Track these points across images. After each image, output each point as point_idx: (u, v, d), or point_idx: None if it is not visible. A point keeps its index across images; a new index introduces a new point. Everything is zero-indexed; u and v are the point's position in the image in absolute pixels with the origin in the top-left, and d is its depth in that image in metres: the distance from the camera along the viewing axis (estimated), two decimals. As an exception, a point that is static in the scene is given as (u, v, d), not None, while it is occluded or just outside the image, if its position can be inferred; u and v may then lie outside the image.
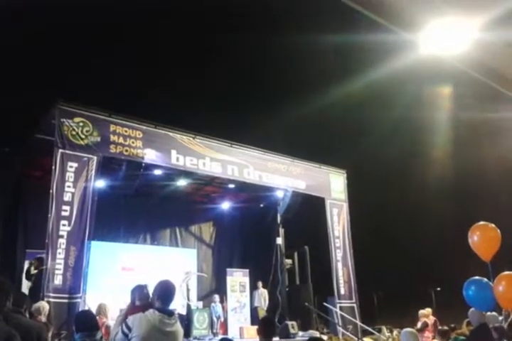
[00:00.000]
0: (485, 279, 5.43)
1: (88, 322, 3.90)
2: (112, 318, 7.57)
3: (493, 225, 5.63)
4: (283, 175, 12.05)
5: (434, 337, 9.38)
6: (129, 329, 3.27)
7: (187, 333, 10.10)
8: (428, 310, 11.07)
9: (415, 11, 4.29)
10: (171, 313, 3.41)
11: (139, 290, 3.71)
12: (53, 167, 8.48)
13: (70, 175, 8.61)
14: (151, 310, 3.35)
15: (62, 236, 8.17)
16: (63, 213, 8.33)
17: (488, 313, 7.70)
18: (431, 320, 10.62)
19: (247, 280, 12.35)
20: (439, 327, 8.00)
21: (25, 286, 8.88)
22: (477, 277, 5.49)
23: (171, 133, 10.39)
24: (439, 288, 30.39)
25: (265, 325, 3.94)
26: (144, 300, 3.55)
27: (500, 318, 9.08)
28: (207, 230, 14.54)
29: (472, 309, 5.25)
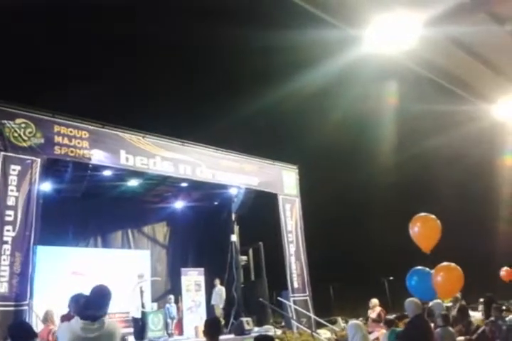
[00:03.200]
0: (427, 269, 5.62)
1: (23, 331, 3.81)
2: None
3: (433, 216, 5.83)
4: (236, 173, 12.09)
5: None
6: (57, 339, 3.27)
7: (141, 336, 9.99)
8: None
9: (360, 6, 4.36)
10: (95, 318, 3.30)
11: (76, 300, 3.63)
12: (-6, 170, 8.16)
13: (13, 179, 8.33)
14: (74, 318, 3.31)
15: (6, 242, 7.92)
16: (7, 218, 8.07)
17: (434, 301, 8.07)
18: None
19: (202, 278, 12.30)
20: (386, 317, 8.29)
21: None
22: (420, 267, 5.69)
23: (119, 133, 10.19)
24: (391, 277, 31.36)
25: (210, 326, 3.95)
26: (76, 312, 3.48)
27: (450, 304, 9.53)
28: (160, 230, 14.35)
29: (408, 300, 5.39)
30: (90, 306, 3.32)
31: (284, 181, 13.07)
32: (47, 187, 10.34)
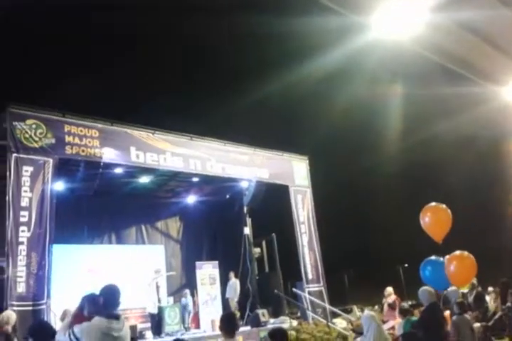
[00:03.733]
0: (441, 259, 5.59)
1: (44, 331, 3.90)
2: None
3: (443, 206, 5.77)
4: (246, 166, 12.08)
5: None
6: (77, 339, 3.30)
7: (159, 330, 10.12)
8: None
9: None
10: (117, 317, 3.42)
11: (92, 300, 3.69)
12: (8, 172, 8.23)
13: (25, 180, 8.39)
14: (97, 318, 3.36)
15: (22, 243, 7.99)
16: (21, 219, 8.13)
17: (449, 288, 8.06)
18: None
19: (216, 272, 12.40)
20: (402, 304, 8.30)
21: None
22: (433, 257, 5.66)
23: (128, 130, 10.21)
24: (406, 265, 31.26)
25: (224, 322, 3.98)
26: (94, 313, 3.54)
27: (466, 291, 9.49)
28: (173, 225, 14.47)
29: (422, 288, 5.34)
30: (109, 305, 3.41)
31: (294, 172, 13.05)
32: (60, 186, 10.42)
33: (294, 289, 12.00)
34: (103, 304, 3.45)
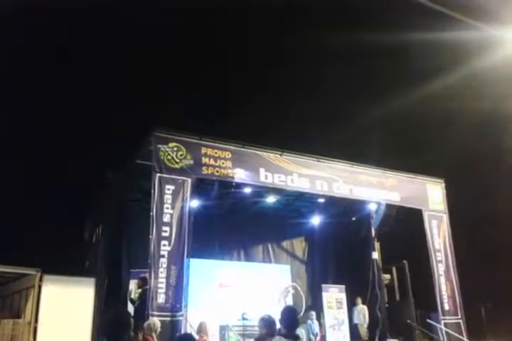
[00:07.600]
0: None
1: None
2: (212, 335, 7.76)
3: None
4: (375, 188, 11.69)
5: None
6: None
7: (286, 351, 10.08)
8: None
9: (504, 5, 4.08)
10: (296, 338, 3.52)
11: (266, 322, 3.90)
12: (152, 190, 8.94)
13: (167, 197, 9.04)
14: (277, 337, 3.49)
15: (163, 256, 8.55)
16: (163, 234, 8.73)
17: None
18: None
19: (343, 296, 12.07)
20: None
21: (131, 305, 9.36)
22: None
23: (258, 152, 10.53)
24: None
25: None
26: (270, 334, 3.70)
27: None
28: (299, 245, 14.49)
29: None
30: (289, 326, 3.54)
31: (429, 196, 12.28)
32: (195, 204, 11.08)
33: (428, 320, 11.18)
34: (284, 324, 3.59)
